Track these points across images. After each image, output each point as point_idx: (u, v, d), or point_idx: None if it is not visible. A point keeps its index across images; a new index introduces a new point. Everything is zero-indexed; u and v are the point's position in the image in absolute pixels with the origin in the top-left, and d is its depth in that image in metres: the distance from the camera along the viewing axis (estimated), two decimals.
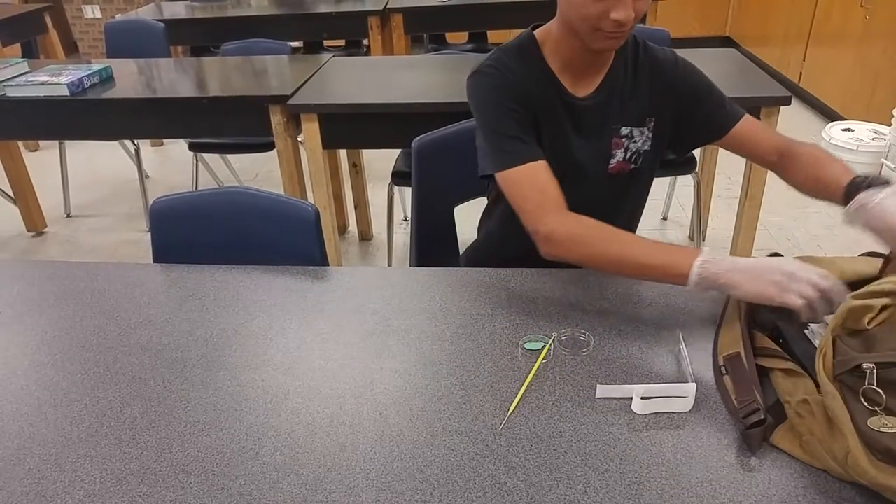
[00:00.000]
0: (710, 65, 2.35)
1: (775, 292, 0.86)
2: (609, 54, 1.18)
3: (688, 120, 1.24)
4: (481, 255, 1.44)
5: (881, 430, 0.69)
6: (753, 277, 0.89)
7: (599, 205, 1.27)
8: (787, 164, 1.16)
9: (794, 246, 2.76)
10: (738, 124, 1.21)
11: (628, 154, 1.23)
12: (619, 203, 1.30)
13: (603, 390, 0.89)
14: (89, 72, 2.41)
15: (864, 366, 0.71)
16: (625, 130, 1.21)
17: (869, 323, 0.76)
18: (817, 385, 0.78)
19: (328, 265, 1.29)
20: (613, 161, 1.23)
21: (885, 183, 0.96)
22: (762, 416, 0.80)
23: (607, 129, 1.21)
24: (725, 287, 0.91)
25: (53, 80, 2.33)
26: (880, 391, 0.71)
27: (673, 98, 1.22)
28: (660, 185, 1.21)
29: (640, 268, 0.99)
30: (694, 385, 0.87)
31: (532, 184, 1.09)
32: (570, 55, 1.16)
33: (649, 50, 1.22)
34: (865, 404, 0.71)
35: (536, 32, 1.20)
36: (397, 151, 2.55)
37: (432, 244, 1.58)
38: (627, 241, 1.01)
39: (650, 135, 1.24)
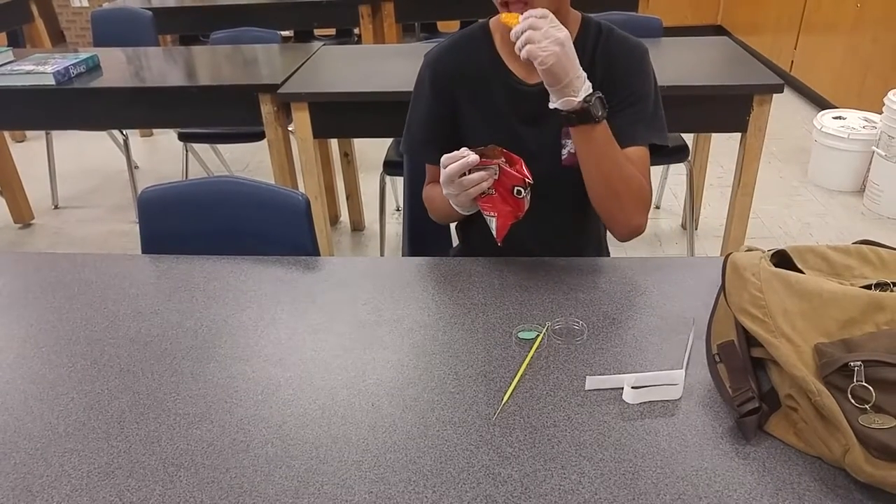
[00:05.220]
0: (702, 53, 2.37)
1: (455, 204, 1.09)
2: None
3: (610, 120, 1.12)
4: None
5: (873, 426, 0.70)
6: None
7: (561, 201, 1.22)
8: None
9: (785, 234, 2.76)
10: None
11: None
12: (584, 198, 1.18)
13: (592, 381, 0.89)
14: (76, 60, 2.37)
15: (852, 364, 0.73)
16: None
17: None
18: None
19: (319, 255, 1.28)
20: (565, 152, 1.18)
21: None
22: (757, 405, 0.79)
23: (555, 118, 1.11)
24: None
25: (39, 68, 2.29)
26: (869, 387, 0.72)
27: (613, 92, 1.12)
28: (652, 174, 1.20)
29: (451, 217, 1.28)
30: (682, 372, 0.87)
31: (430, 177, 1.34)
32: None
33: (611, 39, 1.16)
34: (854, 402, 0.72)
35: (491, 21, 1.20)
36: (389, 140, 2.53)
37: (425, 234, 1.57)
38: (437, 199, 1.21)
39: None
